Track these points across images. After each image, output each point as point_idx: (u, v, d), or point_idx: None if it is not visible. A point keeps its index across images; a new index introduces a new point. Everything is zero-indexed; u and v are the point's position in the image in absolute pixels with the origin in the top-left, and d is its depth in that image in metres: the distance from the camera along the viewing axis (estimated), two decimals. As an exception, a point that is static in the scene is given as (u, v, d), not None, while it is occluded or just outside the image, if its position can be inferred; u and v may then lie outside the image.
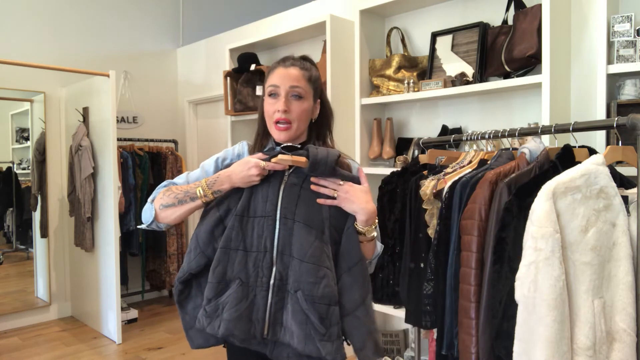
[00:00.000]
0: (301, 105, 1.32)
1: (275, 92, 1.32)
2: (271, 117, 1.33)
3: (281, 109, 1.30)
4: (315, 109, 1.39)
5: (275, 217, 1.24)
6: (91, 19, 4.25)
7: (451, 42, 2.59)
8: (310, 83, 1.34)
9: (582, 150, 1.51)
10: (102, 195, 3.55)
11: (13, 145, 4.03)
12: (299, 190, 1.27)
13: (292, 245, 1.23)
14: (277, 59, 1.39)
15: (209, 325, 1.23)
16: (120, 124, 4.34)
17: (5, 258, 4.03)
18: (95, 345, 3.46)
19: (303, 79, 1.33)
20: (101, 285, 3.63)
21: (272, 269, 1.23)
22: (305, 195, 1.27)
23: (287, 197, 1.26)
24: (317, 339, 1.18)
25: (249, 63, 3.46)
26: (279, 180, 1.28)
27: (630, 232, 1.28)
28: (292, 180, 1.28)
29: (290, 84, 1.31)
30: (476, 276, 1.48)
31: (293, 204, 1.25)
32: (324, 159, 1.25)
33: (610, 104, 1.98)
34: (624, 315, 1.26)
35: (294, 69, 1.33)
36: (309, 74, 1.35)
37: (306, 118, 1.35)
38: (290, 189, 1.27)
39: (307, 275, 1.20)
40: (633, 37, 1.95)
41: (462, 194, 1.63)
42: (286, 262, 1.23)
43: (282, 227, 1.24)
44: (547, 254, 1.23)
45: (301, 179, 1.28)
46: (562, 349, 1.22)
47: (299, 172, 1.28)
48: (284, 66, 1.34)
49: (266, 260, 1.23)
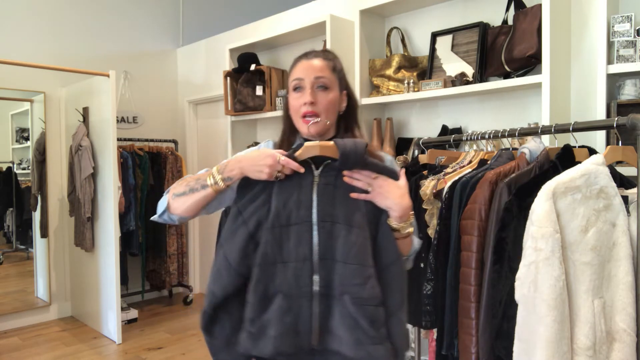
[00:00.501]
0: (328, 96, 1.26)
1: (300, 85, 1.27)
2: (298, 112, 1.27)
3: (308, 100, 1.24)
4: (342, 100, 1.33)
5: (311, 222, 1.16)
6: (91, 19, 4.25)
7: (451, 42, 2.59)
8: (335, 73, 1.29)
9: (582, 150, 1.51)
10: (102, 195, 3.55)
11: (13, 145, 4.03)
12: (332, 189, 1.19)
13: (333, 248, 1.15)
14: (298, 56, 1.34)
15: (255, 347, 1.14)
16: (120, 124, 4.34)
17: (5, 258, 4.03)
18: (95, 345, 3.46)
19: (327, 69, 1.27)
20: (101, 285, 3.63)
21: (313, 276, 1.15)
22: (340, 194, 1.19)
23: (322, 199, 1.18)
24: (368, 343, 1.12)
25: (249, 63, 3.47)
26: (310, 183, 1.20)
27: (630, 232, 1.28)
28: (324, 180, 1.20)
29: (315, 74, 1.25)
30: (476, 276, 1.48)
31: (330, 205, 1.17)
32: (352, 149, 1.17)
33: (610, 104, 1.98)
34: (624, 315, 1.26)
35: (317, 60, 1.28)
36: (332, 64, 1.29)
37: (334, 109, 1.29)
38: (324, 190, 1.19)
39: (353, 277, 1.13)
40: (633, 37, 1.95)
41: (462, 194, 1.63)
42: (329, 267, 1.15)
43: (320, 232, 1.16)
44: (547, 254, 1.23)
45: (333, 177, 1.20)
46: (562, 349, 1.22)
47: (329, 171, 1.21)
48: (306, 59, 1.29)
49: (306, 269, 1.15)
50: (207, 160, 4.65)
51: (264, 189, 1.20)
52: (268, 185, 1.20)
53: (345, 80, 1.34)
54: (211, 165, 1.28)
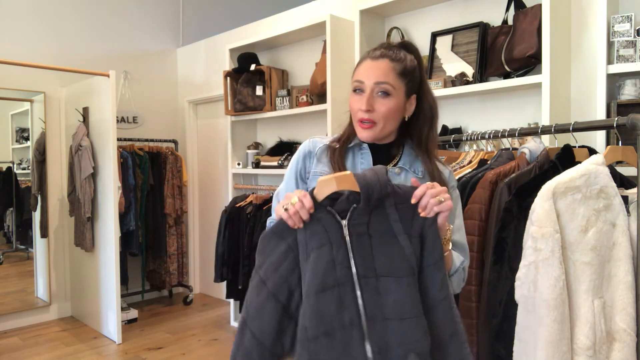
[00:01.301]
0: (387, 104, 1.15)
1: (360, 87, 1.17)
2: (355, 114, 1.19)
3: (363, 108, 1.15)
4: (410, 104, 1.20)
5: (352, 282, 1.02)
6: (91, 19, 4.25)
7: (451, 42, 2.59)
8: (401, 77, 1.16)
9: (582, 150, 1.51)
10: (102, 195, 3.55)
11: (13, 145, 4.03)
12: (368, 239, 1.04)
13: (383, 306, 1.00)
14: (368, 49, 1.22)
15: None
16: (120, 124, 4.34)
17: (5, 258, 4.03)
18: (95, 345, 3.46)
19: (392, 73, 1.15)
20: (101, 285, 3.63)
21: (364, 344, 1.00)
22: (377, 242, 1.04)
23: (358, 252, 1.03)
24: None
25: (249, 63, 3.47)
26: (339, 236, 1.04)
27: (630, 232, 1.28)
28: (355, 229, 1.04)
29: (376, 79, 1.14)
30: (476, 276, 1.48)
31: (369, 258, 1.03)
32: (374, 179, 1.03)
33: (610, 104, 1.98)
34: (624, 315, 1.26)
35: (383, 61, 1.15)
36: (401, 67, 1.16)
37: (394, 117, 1.17)
38: (358, 240, 1.04)
39: (413, 332, 0.99)
40: (633, 37, 1.95)
41: (462, 194, 1.63)
42: (380, 329, 1.00)
43: (365, 290, 1.01)
44: (547, 254, 1.23)
45: (364, 223, 1.05)
46: (562, 349, 1.22)
47: (357, 218, 1.05)
48: (372, 58, 1.17)
49: (356, 336, 1.00)
50: (207, 160, 4.65)
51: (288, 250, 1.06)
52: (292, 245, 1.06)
53: (418, 82, 1.21)
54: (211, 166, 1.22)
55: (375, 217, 1.05)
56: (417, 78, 1.20)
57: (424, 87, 1.22)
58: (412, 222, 1.05)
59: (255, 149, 3.71)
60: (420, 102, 1.22)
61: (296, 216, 1.04)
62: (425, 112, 1.22)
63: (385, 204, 1.05)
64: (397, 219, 1.05)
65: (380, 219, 1.05)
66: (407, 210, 1.05)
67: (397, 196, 1.06)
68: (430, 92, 1.23)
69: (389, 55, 1.17)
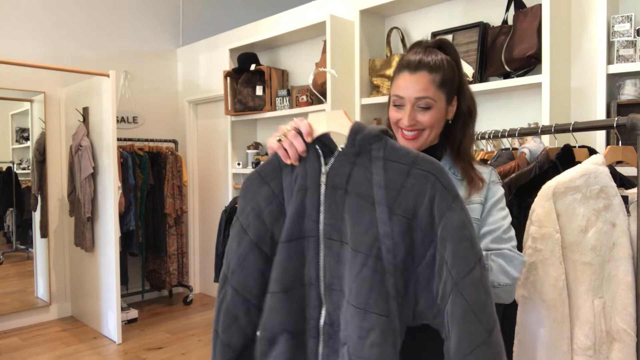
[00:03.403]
0: (429, 116, 1.12)
1: (400, 103, 1.14)
2: (396, 124, 1.16)
3: (406, 124, 1.12)
4: (452, 107, 1.17)
5: (317, 239, 0.90)
6: (91, 19, 4.25)
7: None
8: (441, 88, 1.12)
9: (582, 150, 1.51)
10: (102, 195, 3.55)
11: (13, 145, 4.03)
12: (343, 195, 0.89)
13: (342, 278, 0.88)
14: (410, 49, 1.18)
15: None
16: (120, 124, 4.34)
17: (5, 258, 4.03)
18: (95, 345, 3.46)
19: (432, 86, 1.11)
20: (101, 285, 3.63)
21: (320, 308, 0.90)
22: (352, 202, 0.88)
23: (329, 207, 0.90)
24: None
25: (249, 63, 3.47)
26: (316, 183, 0.91)
27: (630, 232, 1.28)
28: (333, 180, 0.90)
29: (417, 94, 1.11)
30: (476, 276, 1.48)
31: (339, 217, 0.89)
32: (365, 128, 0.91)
33: (610, 104, 1.98)
34: (624, 315, 1.26)
35: (422, 75, 1.11)
36: (440, 77, 1.11)
37: (439, 124, 1.15)
38: (331, 194, 0.90)
39: (354, 323, 0.85)
40: (633, 37, 1.95)
41: (462, 194, 1.63)
42: (336, 300, 0.89)
43: (327, 253, 0.90)
44: (547, 254, 1.23)
45: (345, 175, 0.90)
46: (562, 349, 1.22)
47: (339, 164, 0.91)
48: (410, 72, 1.12)
49: (312, 297, 0.90)
50: (207, 160, 4.64)
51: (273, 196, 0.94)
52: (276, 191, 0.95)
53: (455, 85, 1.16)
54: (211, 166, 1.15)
55: (359, 170, 0.89)
56: (456, 81, 1.16)
57: (462, 88, 1.18)
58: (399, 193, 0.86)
59: (255, 149, 3.71)
60: (460, 105, 1.18)
61: (292, 149, 0.93)
62: (464, 115, 1.18)
63: (372, 154, 0.89)
64: (381, 183, 0.87)
65: (362, 175, 0.89)
66: (397, 174, 0.87)
67: (389, 149, 0.89)
68: (468, 91, 1.19)
69: (427, 65, 1.11)
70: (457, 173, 1.17)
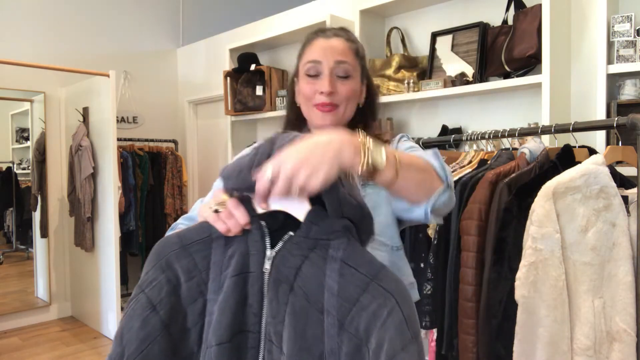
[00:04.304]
0: (349, 85, 1.04)
1: (316, 70, 1.03)
2: (310, 100, 1.05)
3: (326, 90, 1.01)
4: (363, 91, 1.11)
5: (259, 337, 0.72)
6: (91, 19, 4.25)
7: (451, 42, 2.59)
8: (358, 58, 1.07)
9: (582, 150, 1.51)
10: (102, 195, 3.55)
11: (13, 145, 4.03)
12: (288, 292, 0.70)
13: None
14: (312, 32, 1.10)
15: None
16: (120, 124, 4.34)
17: (5, 258, 4.03)
18: (95, 345, 3.46)
19: (351, 52, 1.05)
20: (101, 285, 3.63)
21: None
22: (298, 304, 0.70)
23: (269, 302, 0.72)
24: None
25: (249, 63, 3.47)
26: (259, 268, 0.73)
27: (630, 232, 1.28)
28: (279, 271, 0.72)
29: (336, 58, 1.02)
30: (476, 276, 1.48)
31: (279, 319, 0.70)
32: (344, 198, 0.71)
33: (610, 104, 1.98)
34: (624, 315, 1.26)
35: (338, 40, 1.05)
36: (356, 47, 1.07)
37: (355, 101, 1.08)
38: (275, 288, 0.71)
39: None
40: (633, 37, 1.95)
41: (462, 194, 1.63)
42: None
43: (267, 357, 0.72)
44: (547, 254, 1.23)
45: (294, 268, 0.71)
46: (562, 349, 1.22)
47: (288, 253, 0.73)
48: (325, 37, 1.05)
49: None
50: (207, 160, 4.64)
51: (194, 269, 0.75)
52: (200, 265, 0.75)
53: (366, 68, 1.12)
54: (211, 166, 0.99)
55: (310, 267, 0.71)
56: (366, 64, 1.11)
57: (369, 76, 1.14)
58: (352, 308, 0.68)
59: (255, 149, 3.71)
60: (369, 90, 1.14)
61: (232, 220, 0.74)
62: (373, 100, 1.15)
63: (330, 252, 0.71)
64: (334, 290, 0.69)
65: (314, 274, 0.70)
66: (353, 285, 0.68)
67: (350, 251, 0.70)
68: (373, 81, 1.16)
69: (343, 35, 1.06)
70: None
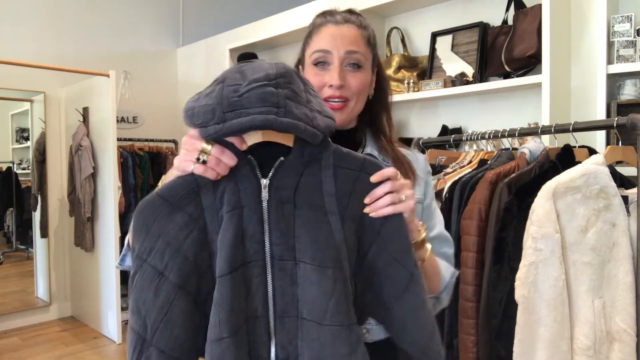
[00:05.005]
0: (360, 77, 0.97)
1: (325, 60, 0.96)
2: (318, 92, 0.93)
3: (336, 83, 0.94)
4: (374, 77, 1.03)
5: (264, 262, 0.76)
6: (91, 19, 4.25)
7: (451, 42, 2.59)
8: (369, 47, 0.99)
9: (582, 150, 1.51)
10: (102, 195, 3.55)
11: (13, 145, 4.03)
12: (292, 209, 0.76)
13: (299, 300, 0.76)
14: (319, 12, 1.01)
15: None
16: (120, 124, 4.34)
17: (5, 258, 4.03)
18: (95, 345, 3.46)
19: (362, 41, 0.97)
20: (101, 285, 3.63)
21: (269, 344, 0.76)
22: (304, 215, 0.76)
23: (276, 225, 0.76)
24: None
25: (249, 63, 3.46)
26: (254, 199, 0.76)
27: (630, 232, 1.28)
28: (278, 194, 0.76)
29: (347, 48, 0.95)
30: (476, 276, 1.48)
31: (290, 234, 0.76)
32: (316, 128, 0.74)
33: (610, 104, 1.98)
34: (625, 315, 1.26)
35: (350, 27, 0.96)
36: (367, 34, 0.99)
37: (364, 94, 1.00)
38: (278, 209, 0.76)
39: (334, 344, 0.73)
40: (633, 37, 1.95)
41: (462, 194, 1.63)
42: (292, 329, 0.76)
43: (277, 276, 0.76)
44: (547, 254, 1.23)
45: (291, 187, 0.77)
46: (562, 349, 1.22)
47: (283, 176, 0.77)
48: (334, 23, 0.97)
49: (259, 333, 0.75)
50: (207, 160, 4.64)
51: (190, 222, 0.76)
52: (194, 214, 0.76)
53: (377, 56, 1.04)
54: None
55: (307, 180, 0.78)
56: (377, 52, 1.04)
57: (380, 65, 1.07)
58: (349, 200, 0.79)
59: (255, 149, 3.71)
60: (379, 79, 1.06)
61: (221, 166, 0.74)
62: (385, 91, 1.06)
63: (322, 163, 0.78)
64: (332, 192, 0.78)
65: (312, 185, 0.78)
66: (346, 181, 0.79)
67: (338, 155, 0.80)
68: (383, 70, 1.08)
69: (353, 21, 0.98)
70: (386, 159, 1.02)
